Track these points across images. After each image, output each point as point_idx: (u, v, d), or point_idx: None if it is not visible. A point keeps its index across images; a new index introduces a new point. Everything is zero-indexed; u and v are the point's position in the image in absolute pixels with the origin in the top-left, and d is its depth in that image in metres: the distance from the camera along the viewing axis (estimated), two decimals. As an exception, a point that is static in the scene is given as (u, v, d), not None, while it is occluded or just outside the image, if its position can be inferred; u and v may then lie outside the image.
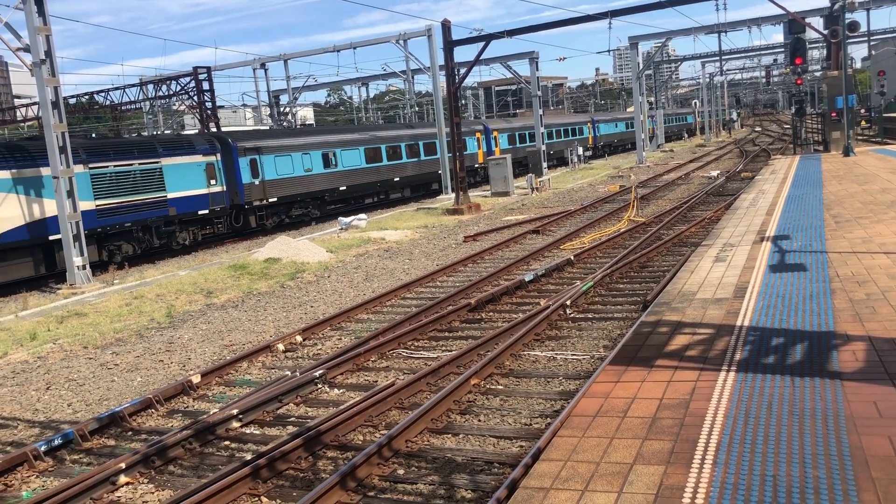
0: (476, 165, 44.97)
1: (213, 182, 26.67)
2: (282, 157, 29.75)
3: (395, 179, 36.68)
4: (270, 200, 29.27)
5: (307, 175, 31.03)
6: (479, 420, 8.14)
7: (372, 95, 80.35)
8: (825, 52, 38.39)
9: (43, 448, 8.14)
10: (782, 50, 64.35)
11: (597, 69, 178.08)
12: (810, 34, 36.28)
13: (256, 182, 28.53)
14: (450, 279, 16.42)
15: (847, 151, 30.27)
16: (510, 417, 8.12)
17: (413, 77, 48.82)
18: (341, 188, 33.07)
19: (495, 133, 46.85)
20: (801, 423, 5.51)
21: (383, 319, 13.21)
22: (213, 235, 27.74)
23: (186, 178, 25.64)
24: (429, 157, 39.11)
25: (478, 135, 46.01)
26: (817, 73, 69.88)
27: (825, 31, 30.10)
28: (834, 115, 33.34)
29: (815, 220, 14.92)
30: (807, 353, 7.03)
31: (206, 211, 26.37)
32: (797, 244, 12.62)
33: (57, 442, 8.32)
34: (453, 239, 22.77)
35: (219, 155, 27.12)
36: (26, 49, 18.79)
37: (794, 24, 30.25)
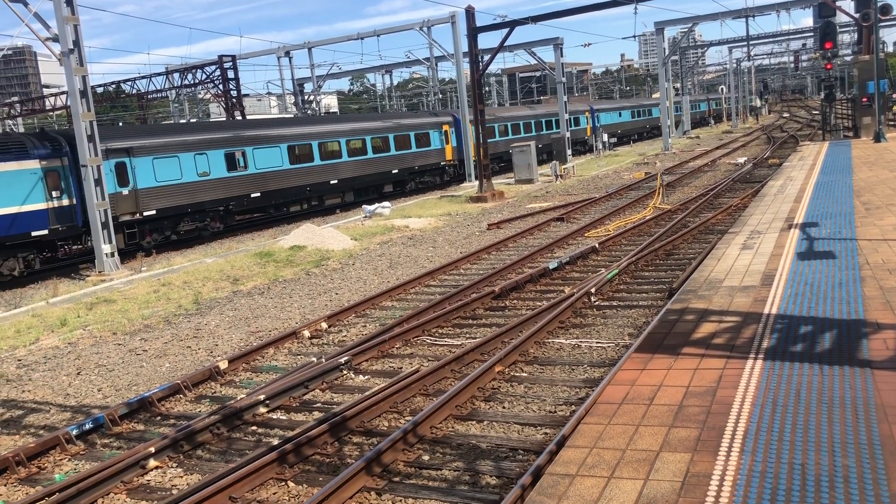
0: (443, 163, 38.05)
1: (56, 194, 21.09)
2: (164, 160, 24.02)
3: (332, 182, 30.67)
4: (146, 214, 23.41)
5: (203, 181, 25.24)
6: (504, 407, 8.16)
7: (395, 83, 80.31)
8: (856, 35, 37.71)
9: (75, 432, 8.29)
10: (811, 34, 63.37)
11: (622, 55, 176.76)
12: (841, 17, 35.69)
13: (125, 192, 22.89)
14: (474, 267, 16.42)
15: (878, 137, 29.75)
16: (534, 405, 8.12)
17: (437, 64, 48.70)
18: (254, 195, 27.14)
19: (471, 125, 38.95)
20: (829, 411, 5.45)
21: (407, 307, 13.26)
22: (58, 262, 22.54)
23: (12, 190, 20.04)
24: (378, 154, 33.29)
25: (445, 127, 38.44)
26: (848, 58, 68.72)
27: (856, 15, 29.55)
28: (865, 100, 32.76)
29: (845, 207, 14.71)
30: (836, 342, 6.95)
31: (45, 231, 20.82)
32: (826, 231, 12.45)
33: (88, 426, 8.47)
34: (477, 227, 22.75)
35: (66, 159, 21.37)
36: (55, 39, 19.01)
37: (824, 7, 29.71)
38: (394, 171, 34.48)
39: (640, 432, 5.45)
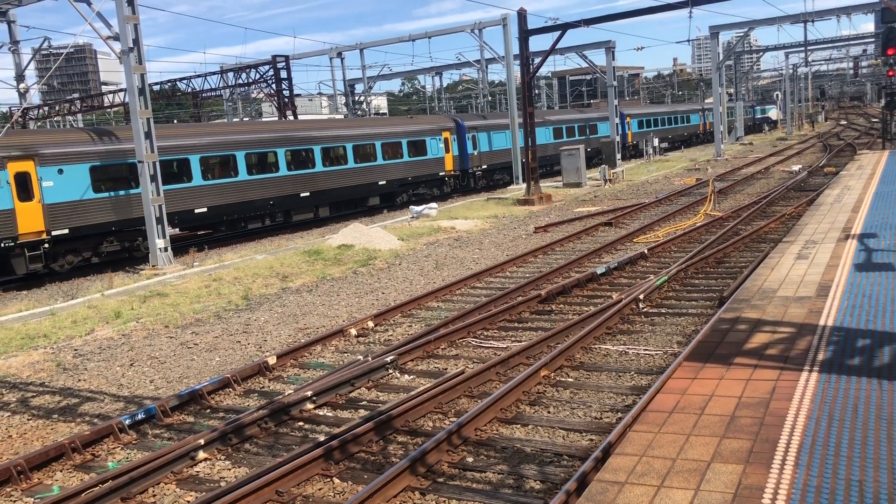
0: (442, 174, 34.23)
1: None
2: None
3: None
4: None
5: None
6: (549, 412, 8.11)
7: (445, 85, 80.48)
8: (920, 42, 36.51)
9: (127, 422, 8.48)
10: (873, 40, 61.66)
11: (675, 59, 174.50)
12: (904, 23, 34.58)
13: None
14: (520, 270, 16.36)
15: (941, 147, 28.81)
16: (580, 410, 8.06)
17: (487, 66, 48.64)
18: None
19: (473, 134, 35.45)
20: (889, 427, 5.29)
21: (453, 308, 13.27)
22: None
23: None
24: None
25: (445, 134, 34.25)
26: (910, 65, 66.64)
27: (921, 20, 28.64)
28: (928, 108, 31.74)
29: (906, 217, 14.27)
30: (895, 356, 6.75)
31: None
32: (885, 243, 12.10)
33: (140, 416, 8.66)
34: (524, 229, 22.66)
35: None
36: (116, 37, 19.49)
37: (887, 12, 28.82)
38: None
39: (690, 442, 5.37)
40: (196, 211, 23.54)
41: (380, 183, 30.75)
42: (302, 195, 27.04)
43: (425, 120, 36.24)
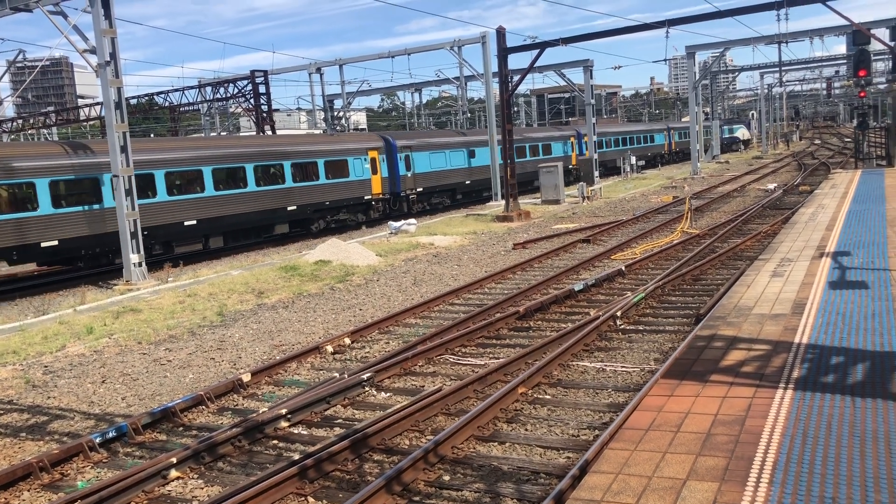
0: (368, 197, 31.05)
1: None
2: None
3: None
4: None
5: None
6: (526, 429, 8.07)
7: (425, 101, 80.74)
8: (891, 63, 37.28)
9: (98, 440, 8.33)
10: (845, 61, 62.85)
11: (652, 78, 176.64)
12: (875, 45, 35.34)
13: None
14: (498, 286, 16.36)
15: (912, 166, 29.31)
16: (557, 428, 8.04)
17: (466, 84, 48.86)
18: None
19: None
20: (862, 444, 5.32)
21: (431, 325, 13.22)
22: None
23: None
24: None
25: (372, 154, 31.11)
26: (882, 86, 68.04)
27: (891, 43, 29.25)
28: (898, 128, 32.32)
29: (878, 236, 14.47)
30: (869, 374, 6.80)
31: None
32: (858, 261, 12.25)
33: (111, 434, 8.50)
34: (502, 246, 22.69)
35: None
36: (92, 51, 19.35)
37: (858, 35, 29.43)
38: None
39: (666, 460, 5.36)
40: (43, 244, 19.93)
41: (289, 208, 27.43)
42: (187, 223, 23.70)
43: (347, 138, 33.13)
